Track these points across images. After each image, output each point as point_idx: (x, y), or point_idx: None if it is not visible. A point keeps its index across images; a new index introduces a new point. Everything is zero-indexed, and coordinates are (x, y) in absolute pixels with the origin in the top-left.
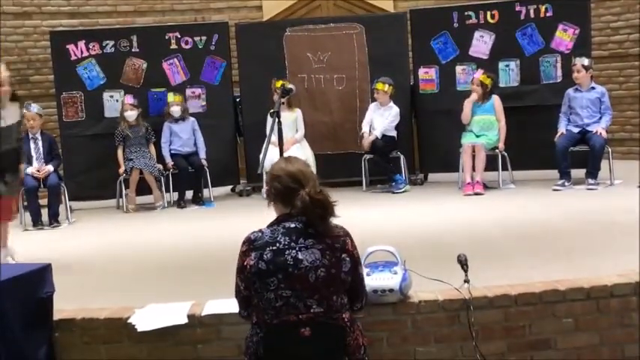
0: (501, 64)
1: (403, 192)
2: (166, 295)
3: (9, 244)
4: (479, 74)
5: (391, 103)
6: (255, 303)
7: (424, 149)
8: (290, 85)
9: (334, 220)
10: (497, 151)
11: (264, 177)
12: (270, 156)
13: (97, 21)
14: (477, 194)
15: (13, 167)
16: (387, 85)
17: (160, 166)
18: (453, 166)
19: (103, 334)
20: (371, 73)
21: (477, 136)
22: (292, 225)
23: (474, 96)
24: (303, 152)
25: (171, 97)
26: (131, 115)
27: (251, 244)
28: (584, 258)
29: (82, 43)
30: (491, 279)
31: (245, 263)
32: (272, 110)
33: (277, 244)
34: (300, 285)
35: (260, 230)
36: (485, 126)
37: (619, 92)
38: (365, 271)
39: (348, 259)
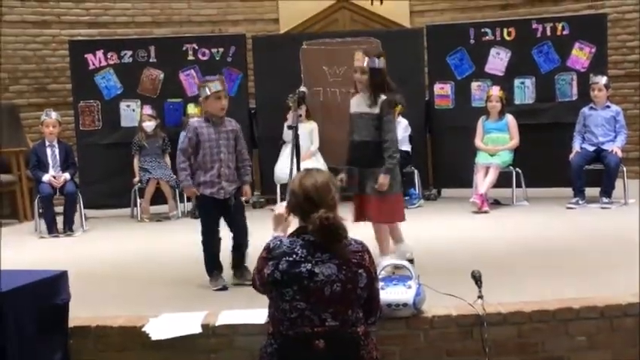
0: (517, 82)
1: (417, 207)
2: (180, 304)
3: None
4: (497, 91)
5: (399, 118)
6: (272, 312)
7: (438, 165)
8: (302, 88)
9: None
10: (510, 167)
11: (278, 189)
12: (285, 168)
13: (115, 31)
14: (484, 212)
15: None
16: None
17: (175, 176)
18: (467, 182)
19: (117, 342)
20: None
21: (491, 156)
22: (311, 238)
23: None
24: (317, 165)
25: (192, 108)
26: (149, 125)
27: (269, 253)
28: (598, 276)
29: (100, 53)
30: (504, 295)
31: (264, 270)
32: (290, 124)
33: (294, 256)
34: (315, 298)
35: (280, 239)
36: (499, 145)
37: (634, 111)
38: (379, 284)
39: (364, 274)
